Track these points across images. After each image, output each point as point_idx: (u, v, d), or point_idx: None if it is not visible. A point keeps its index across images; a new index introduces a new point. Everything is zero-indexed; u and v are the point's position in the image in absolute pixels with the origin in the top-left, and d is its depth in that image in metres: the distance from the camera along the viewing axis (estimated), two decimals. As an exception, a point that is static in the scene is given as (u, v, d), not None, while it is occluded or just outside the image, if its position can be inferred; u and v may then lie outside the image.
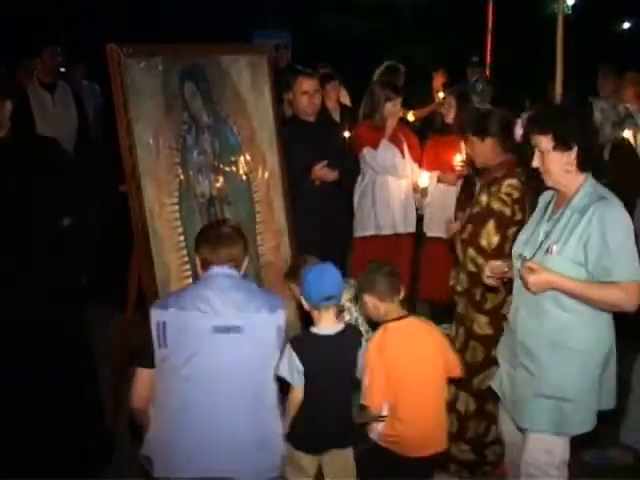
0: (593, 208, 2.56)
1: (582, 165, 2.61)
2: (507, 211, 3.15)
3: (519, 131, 3.31)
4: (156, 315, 2.52)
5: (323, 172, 4.25)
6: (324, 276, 2.70)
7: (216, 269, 2.61)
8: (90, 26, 10.83)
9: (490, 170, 3.32)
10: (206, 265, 2.64)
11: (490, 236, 3.15)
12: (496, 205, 3.17)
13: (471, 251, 3.19)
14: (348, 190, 4.80)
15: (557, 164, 2.61)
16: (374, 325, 3.16)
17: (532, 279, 2.57)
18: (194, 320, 2.51)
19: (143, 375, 2.61)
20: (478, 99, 5.64)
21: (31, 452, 3.12)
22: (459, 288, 3.33)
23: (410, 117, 6.61)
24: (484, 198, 3.22)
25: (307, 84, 4.26)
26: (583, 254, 2.57)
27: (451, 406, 3.27)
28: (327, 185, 4.32)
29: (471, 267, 3.20)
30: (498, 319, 3.20)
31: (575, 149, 2.57)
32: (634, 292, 2.55)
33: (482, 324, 3.27)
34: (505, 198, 3.15)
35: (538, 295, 2.64)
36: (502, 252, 3.10)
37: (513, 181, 3.18)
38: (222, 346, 2.53)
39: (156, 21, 11.16)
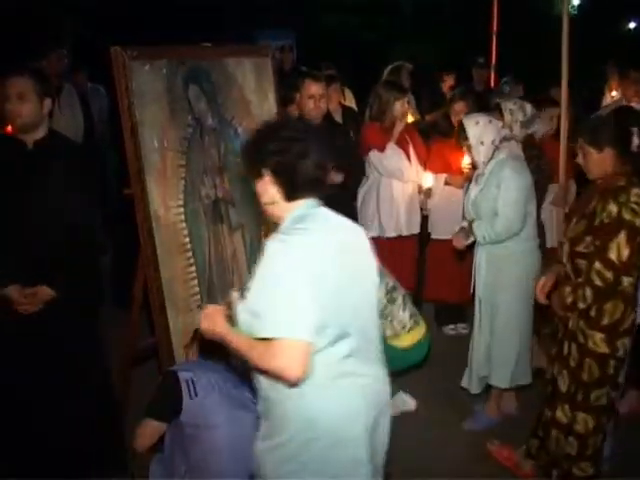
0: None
1: (284, 193, 2.14)
2: (638, 222, 2.96)
3: (636, 140, 3.11)
4: (183, 376, 2.78)
5: None
6: None
7: None
8: (94, 28, 10.85)
9: (606, 179, 3.11)
10: None
11: (621, 248, 2.95)
12: (628, 216, 2.96)
13: (598, 265, 2.99)
14: (353, 192, 4.80)
15: (261, 196, 2.19)
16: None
17: (202, 325, 2.20)
18: (214, 383, 2.79)
19: (154, 427, 2.78)
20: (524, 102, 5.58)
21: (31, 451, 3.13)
22: (582, 305, 3.10)
23: (409, 118, 6.58)
24: (614, 208, 2.98)
25: (314, 88, 4.25)
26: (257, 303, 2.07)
27: (569, 429, 3.21)
28: (331, 187, 4.31)
29: (598, 282, 3.01)
30: (616, 336, 3.07)
31: (267, 176, 2.14)
32: (284, 354, 1.97)
33: (597, 341, 3.08)
34: (636, 208, 2.97)
35: None
36: (632, 265, 2.97)
37: (639, 190, 3.01)
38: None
39: (161, 23, 11.17)
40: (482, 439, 3.85)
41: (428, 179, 4.76)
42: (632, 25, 15.74)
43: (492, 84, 8.24)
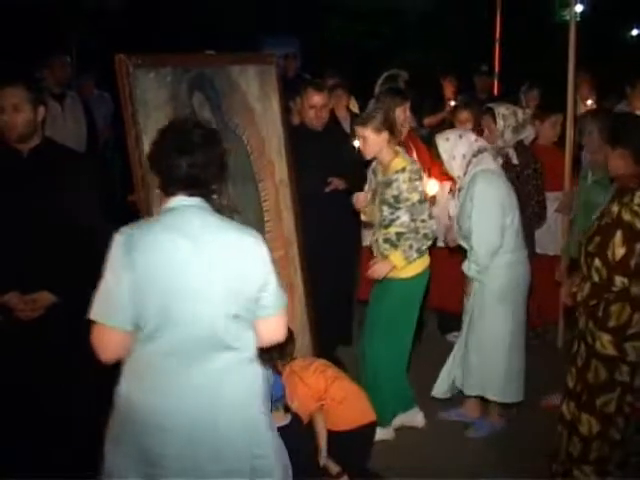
0: None
1: (161, 187, 2.32)
2: (638, 224, 2.95)
3: None
4: None
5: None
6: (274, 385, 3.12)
7: None
8: (100, 35, 10.89)
9: (621, 179, 3.11)
10: None
11: (616, 248, 2.96)
12: (627, 216, 2.97)
13: (597, 262, 3.02)
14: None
15: None
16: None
17: None
18: None
19: None
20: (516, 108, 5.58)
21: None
22: (579, 297, 3.14)
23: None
24: (615, 208, 3.02)
25: (316, 98, 4.27)
26: None
27: (573, 429, 3.19)
28: (335, 194, 4.32)
29: (595, 278, 3.05)
30: (624, 339, 3.02)
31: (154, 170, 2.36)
32: (95, 335, 2.19)
33: (605, 343, 3.05)
34: (638, 210, 2.96)
35: None
36: (626, 266, 2.95)
37: None
38: None
39: (164, 31, 11.21)
40: (484, 446, 3.85)
41: (432, 187, 4.74)
42: (635, 32, 15.74)
43: (495, 92, 8.25)
